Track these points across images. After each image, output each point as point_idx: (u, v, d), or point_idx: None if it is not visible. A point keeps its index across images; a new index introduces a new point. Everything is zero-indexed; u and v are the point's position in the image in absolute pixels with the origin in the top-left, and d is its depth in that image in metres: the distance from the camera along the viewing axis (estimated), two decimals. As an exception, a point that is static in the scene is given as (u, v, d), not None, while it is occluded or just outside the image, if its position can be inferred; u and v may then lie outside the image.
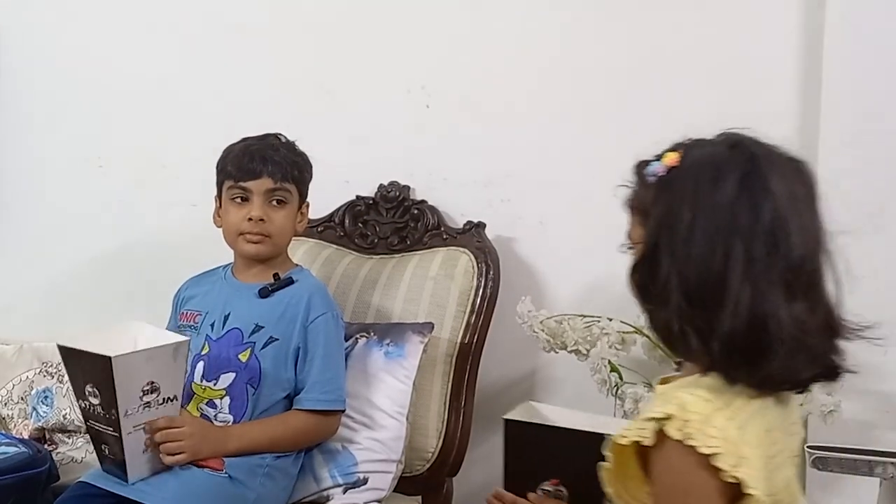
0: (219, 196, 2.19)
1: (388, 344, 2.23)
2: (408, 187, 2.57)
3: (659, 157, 1.34)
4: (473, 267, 2.39)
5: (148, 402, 1.92)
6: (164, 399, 1.94)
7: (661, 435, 1.25)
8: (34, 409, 2.53)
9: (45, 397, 2.53)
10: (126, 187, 2.75)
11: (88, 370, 1.89)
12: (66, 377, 2.34)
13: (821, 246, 1.31)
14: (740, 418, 1.26)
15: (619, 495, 1.34)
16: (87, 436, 2.41)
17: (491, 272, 2.37)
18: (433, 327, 2.29)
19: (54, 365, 2.56)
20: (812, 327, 1.27)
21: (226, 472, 2.01)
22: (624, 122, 2.38)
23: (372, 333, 2.26)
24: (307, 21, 2.64)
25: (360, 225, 2.57)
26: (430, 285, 2.37)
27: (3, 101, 2.79)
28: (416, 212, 2.53)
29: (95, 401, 1.90)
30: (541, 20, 2.52)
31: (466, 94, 2.55)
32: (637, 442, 1.27)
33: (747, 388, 1.28)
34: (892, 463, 2.01)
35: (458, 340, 2.33)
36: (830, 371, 1.32)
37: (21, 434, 2.49)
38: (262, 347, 2.10)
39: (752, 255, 1.25)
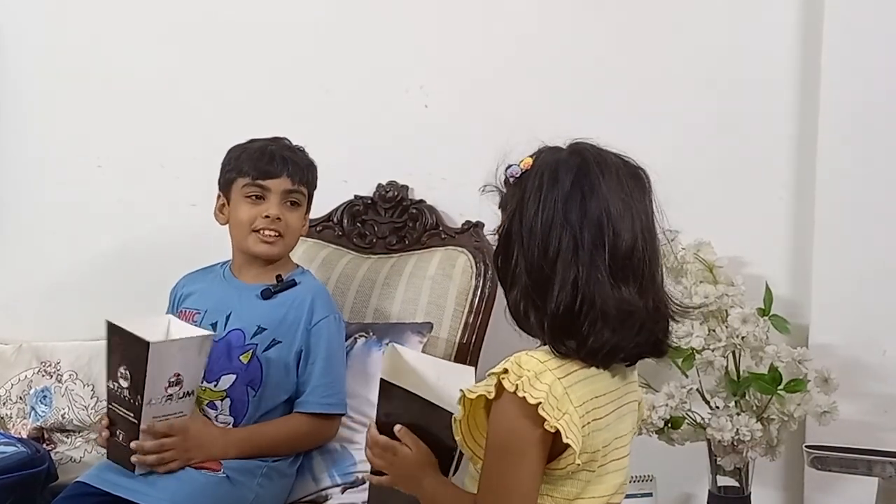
0: (226, 193, 2.17)
1: (387, 344, 2.22)
2: (406, 187, 2.57)
3: (519, 162, 1.52)
4: (472, 267, 2.39)
5: (170, 395, 1.93)
6: (184, 393, 1.96)
7: (499, 388, 1.44)
8: (33, 408, 2.53)
9: (44, 397, 2.53)
10: (126, 187, 2.74)
11: (127, 351, 1.91)
12: (64, 374, 2.40)
13: (650, 240, 1.48)
14: (569, 380, 1.44)
15: (465, 443, 1.52)
16: (88, 434, 2.44)
17: (489, 272, 2.37)
18: (432, 327, 2.29)
19: (53, 364, 2.56)
20: (639, 309, 1.45)
21: (224, 473, 2.01)
22: (624, 121, 2.39)
23: (371, 333, 2.26)
24: (306, 21, 2.64)
25: (358, 225, 2.57)
26: (428, 285, 2.37)
27: (3, 101, 2.78)
28: (414, 211, 2.53)
29: (125, 384, 1.91)
30: (540, 20, 2.52)
31: (465, 94, 2.55)
32: (483, 396, 1.45)
33: (576, 361, 1.46)
34: (891, 462, 2.01)
35: (457, 340, 2.34)
36: (656, 348, 1.51)
37: (20, 433, 2.49)
38: (265, 350, 2.10)
39: (579, 245, 1.43)
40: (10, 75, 2.78)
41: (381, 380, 1.64)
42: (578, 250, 1.43)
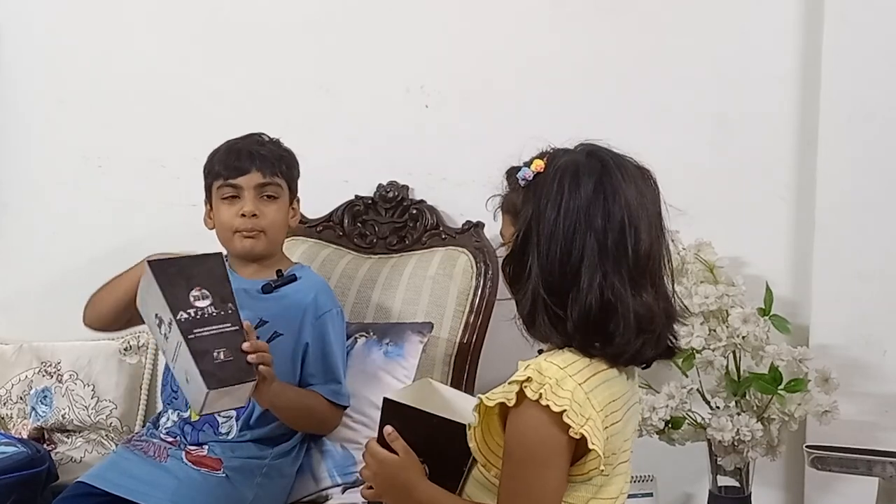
0: (208, 198, 2.19)
1: (387, 343, 2.23)
2: (406, 187, 2.57)
3: (528, 164, 1.49)
4: (472, 266, 2.39)
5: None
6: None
7: (520, 396, 1.41)
8: (33, 408, 2.53)
9: (44, 397, 2.54)
10: (126, 187, 2.75)
11: (195, 274, 1.86)
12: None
13: (662, 243, 1.48)
14: (589, 385, 1.43)
15: (479, 450, 1.49)
16: (88, 434, 2.44)
17: (490, 272, 2.37)
18: (433, 327, 2.29)
19: (53, 365, 2.57)
20: (657, 314, 1.46)
21: (224, 473, 2.01)
22: (624, 121, 2.39)
23: (371, 333, 2.26)
24: (307, 21, 2.64)
25: (358, 225, 2.57)
26: (428, 285, 2.37)
27: (3, 100, 2.79)
28: (414, 211, 2.53)
29: (205, 303, 1.85)
30: (540, 20, 2.52)
31: (466, 94, 2.55)
32: (502, 403, 1.43)
33: (602, 361, 1.46)
34: (891, 462, 2.01)
35: (457, 340, 2.33)
36: (669, 350, 1.52)
37: (20, 434, 2.50)
38: (266, 342, 2.07)
39: (603, 250, 1.42)
40: (10, 75, 2.79)
41: (386, 399, 1.59)
42: (602, 256, 1.42)
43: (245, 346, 1.84)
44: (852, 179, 2.31)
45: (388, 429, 1.55)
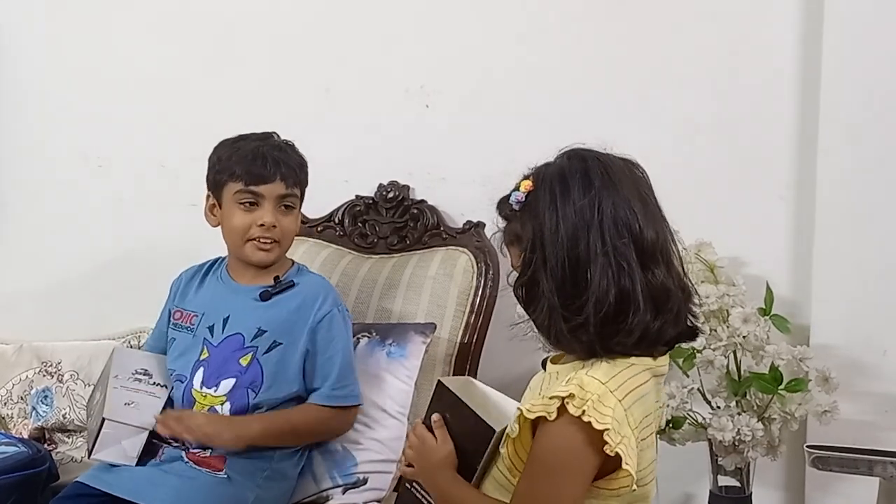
0: (216, 194, 2.12)
1: (390, 344, 2.22)
2: (407, 187, 2.57)
3: (517, 189, 1.51)
4: (473, 266, 2.39)
5: (139, 379, 2.12)
6: (155, 383, 2.12)
7: (560, 410, 1.43)
8: (34, 408, 2.53)
9: (45, 397, 2.53)
10: (126, 187, 2.74)
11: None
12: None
13: (665, 226, 1.50)
14: (627, 402, 1.44)
15: (508, 455, 1.52)
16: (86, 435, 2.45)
17: (490, 272, 2.37)
18: (435, 328, 2.28)
19: (54, 364, 2.57)
20: (672, 288, 1.47)
21: (225, 473, 2.00)
22: (625, 121, 2.39)
23: (374, 333, 2.26)
24: (307, 21, 2.64)
25: (359, 225, 2.57)
26: (429, 285, 2.37)
27: (4, 100, 2.79)
28: (415, 211, 2.53)
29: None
30: (540, 20, 2.52)
31: (466, 94, 2.55)
32: (542, 417, 1.44)
33: (624, 354, 1.46)
34: (892, 462, 2.01)
35: (458, 340, 2.33)
36: (691, 331, 1.53)
37: (21, 433, 2.50)
38: (266, 352, 2.06)
39: (608, 244, 1.43)
40: (10, 75, 2.78)
41: (439, 381, 1.65)
42: (607, 249, 1.43)
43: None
44: (853, 179, 2.31)
45: (436, 416, 1.60)
